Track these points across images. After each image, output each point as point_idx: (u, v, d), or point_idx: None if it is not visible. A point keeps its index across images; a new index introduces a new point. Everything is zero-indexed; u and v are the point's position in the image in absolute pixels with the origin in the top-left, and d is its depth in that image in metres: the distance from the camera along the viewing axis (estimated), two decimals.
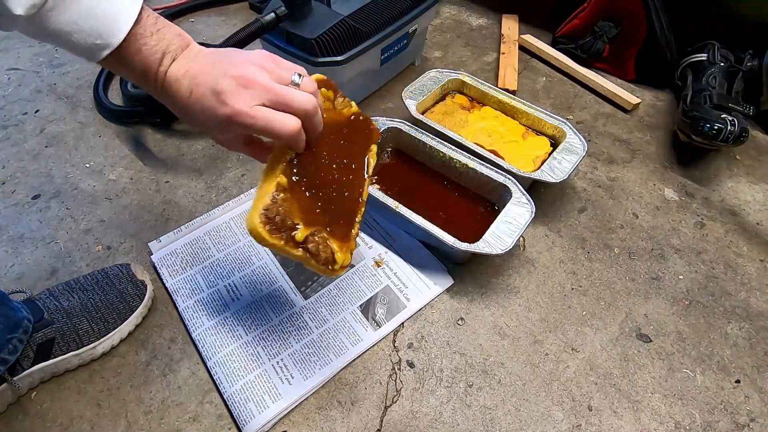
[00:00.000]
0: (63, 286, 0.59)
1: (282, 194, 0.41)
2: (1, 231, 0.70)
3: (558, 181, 0.67)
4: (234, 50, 0.40)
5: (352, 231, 0.46)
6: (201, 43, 0.44)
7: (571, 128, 0.74)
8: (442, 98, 0.85)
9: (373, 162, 0.49)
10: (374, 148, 0.49)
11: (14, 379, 0.52)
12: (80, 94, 0.91)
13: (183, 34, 0.40)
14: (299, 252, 0.42)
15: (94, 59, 0.36)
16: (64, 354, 0.55)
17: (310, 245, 0.42)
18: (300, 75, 0.39)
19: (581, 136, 0.73)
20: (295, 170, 0.42)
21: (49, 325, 0.54)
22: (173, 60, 0.39)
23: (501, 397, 0.56)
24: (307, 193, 0.43)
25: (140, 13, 0.36)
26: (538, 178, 0.68)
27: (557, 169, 0.69)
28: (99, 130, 0.85)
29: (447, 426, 0.54)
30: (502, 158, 0.72)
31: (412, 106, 0.77)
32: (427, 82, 0.82)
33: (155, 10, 1.11)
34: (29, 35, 0.35)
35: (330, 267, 0.44)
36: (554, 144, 0.77)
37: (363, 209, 0.48)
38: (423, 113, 0.81)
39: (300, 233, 0.41)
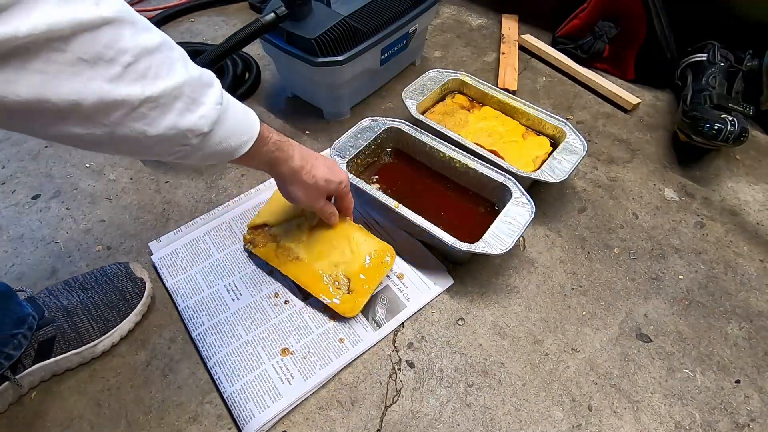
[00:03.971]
0: (62, 285, 0.59)
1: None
2: (1, 231, 0.70)
3: (558, 181, 0.67)
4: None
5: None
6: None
7: (571, 128, 0.74)
8: (442, 98, 0.85)
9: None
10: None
11: (16, 377, 0.52)
12: None
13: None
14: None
15: (239, 154, 0.45)
16: (64, 353, 0.55)
17: None
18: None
19: (581, 136, 0.73)
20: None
21: (50, 323, 0.54)
22: (277, 137, 0.51)
23: (501, 397, 0.56)
24: None
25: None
26: (538, 178, 0.68)
27: (557, 169, 0.69)
28: None
29: (447, 426, 0.54)
30: (502, 158, 0.72)
31: (412, 106, 0.77)
32: (427, 82, 0.82)
33: (155, 9, 1.12)
34: (190, 158, 0.41)
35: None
36: (554, 144, 0.77)
37: None
38: (423, 113, 0.81)
39: None
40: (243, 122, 0.44)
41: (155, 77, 0.34)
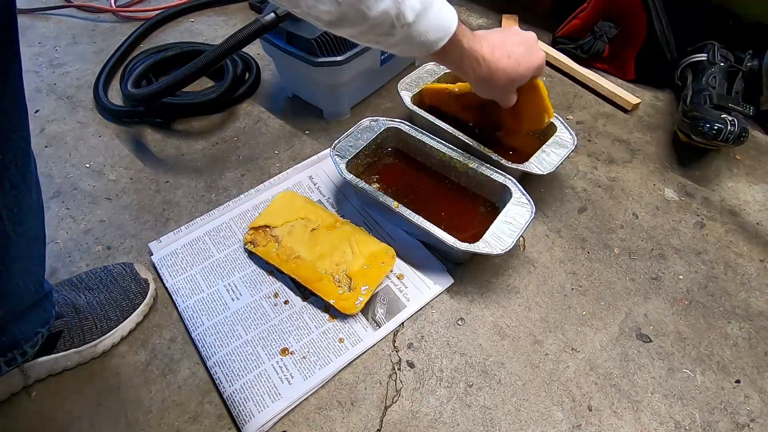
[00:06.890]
0: (68, 283, 0.59)
1: None
2: None
3: (545, 173, 0.67)
4: (497, 30, 0.60)
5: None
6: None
7: (562, 123, 0.74)
8: None
9: None
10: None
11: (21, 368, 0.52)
12: (80, 94, 0.91)
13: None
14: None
15: (435, 49, 0.50)
16: (67, 350, 0.55)
17: None
18: None
19: (572, 131, 0.73)
20: None
21: (60, 317, 0.54)
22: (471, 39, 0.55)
23: (501, 397, 0.56)
24: None
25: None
26: (525, 169, 0.67)
27: (545, 161, 0.69)
28: (99, 130, 0.85)
29: (447, 426, 0.54)
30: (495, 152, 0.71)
31: (407, 97, 0.77)
32: (423, 75, 0.81)
33: (155, 9, 1.12)
34: (396, 46, 0.49)
35: None
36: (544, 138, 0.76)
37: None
38: (418, 106, 0.80)
39: None
40: (442, 19, 0.50)
41: None
